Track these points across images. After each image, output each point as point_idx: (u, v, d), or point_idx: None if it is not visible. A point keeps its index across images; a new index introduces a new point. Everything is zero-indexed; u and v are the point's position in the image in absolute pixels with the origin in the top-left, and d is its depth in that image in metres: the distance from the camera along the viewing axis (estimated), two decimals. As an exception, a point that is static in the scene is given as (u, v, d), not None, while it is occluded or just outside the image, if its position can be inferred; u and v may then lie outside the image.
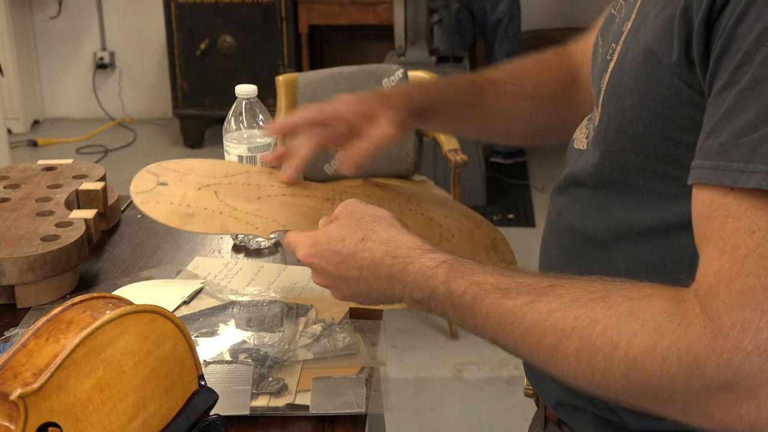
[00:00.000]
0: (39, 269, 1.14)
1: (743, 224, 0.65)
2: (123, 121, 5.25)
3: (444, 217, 1.14)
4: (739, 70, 0.66)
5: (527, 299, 0.74)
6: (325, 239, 0.90)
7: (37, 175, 1.40)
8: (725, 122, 0.67)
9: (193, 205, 1.06)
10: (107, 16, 5.24)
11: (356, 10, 4.56)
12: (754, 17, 0.65)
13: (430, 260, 0.82)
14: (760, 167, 0.64)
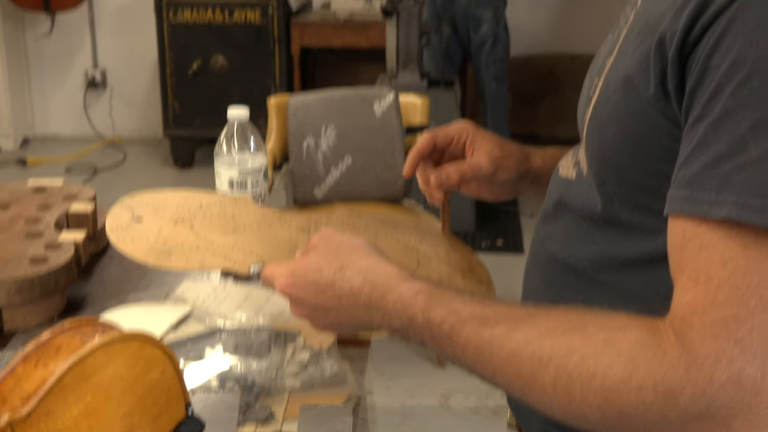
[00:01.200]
0: (27, 292, 1.13)
1: (716, 254, 0.66)
2: (113, 141, 5.25)
3: (420, 242, 1.14)
4: (711, 102, 0.67)
5: (505, 328, 0.75)
6: (302, 270, 0.90)
7: (27, 196, 1.40)
8: (698, 153, 0.68)
9: (170, 242, 1.06)
10: (99, 34, 5.25)
11: (348, 33, 4.58)
12: (726, 49, 0.66)
13: (408, 289, 0.83)
14: (730, 198, 0.65)
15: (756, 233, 0.64)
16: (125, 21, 5.19)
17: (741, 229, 0.65)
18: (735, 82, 0.65)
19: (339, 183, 2.70)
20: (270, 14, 4.55)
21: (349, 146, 2.83)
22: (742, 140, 0.65)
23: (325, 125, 2.83)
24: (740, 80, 0.65)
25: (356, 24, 4.56)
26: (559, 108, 4.70)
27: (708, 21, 0.68)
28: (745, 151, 0.65)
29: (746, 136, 0.65)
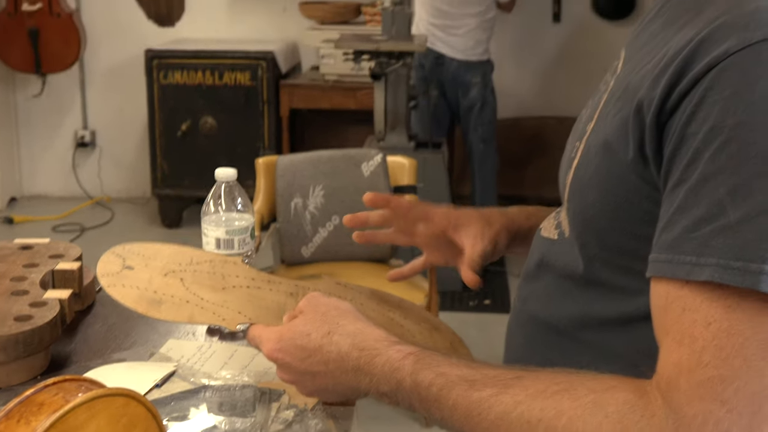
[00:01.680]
0: (11, 349, 1.13)
1: (699, 316, 0.66)
2: (101, 200, 5.25)
3: (403, 318, 1.14)
4: (690, 168, 0.68)
5: (493, 391, 0.75)
6: (290, 334, 0.90)
7: (13, 254, 1.40)
8: (678, 217, 0.69)
9: (160, 292, 1.06)
10: (90, 95, 5.29)
11: (337, 95, 4.63)
12: (703, 118, 0.68)
13: (396, 352, 0.83)
14: (711, 260, 0.66)
15: (738, 295, 0.65)
16: (115, 82, 5.23)
17: (723, 290, 0.65)
18: (713, 148, 0.67)
19: (326, 243, 2.72)
20: (260, 76, 4.59)
21: (336, 206, 2.85)
22: (720, 204, 0.66)
23: (313, 186, 2.86)
24: (718, 146, 0.66)
25: (345, 86, 4.61)
26: (545, 170, 4.73)
27: (685, 89, 0.69)
28: (724, 214, 0.66)
29: (725, 200, 0.66)
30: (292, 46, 5.03)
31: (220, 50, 4.66)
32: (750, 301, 0.65)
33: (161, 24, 5.21)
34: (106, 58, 5.22)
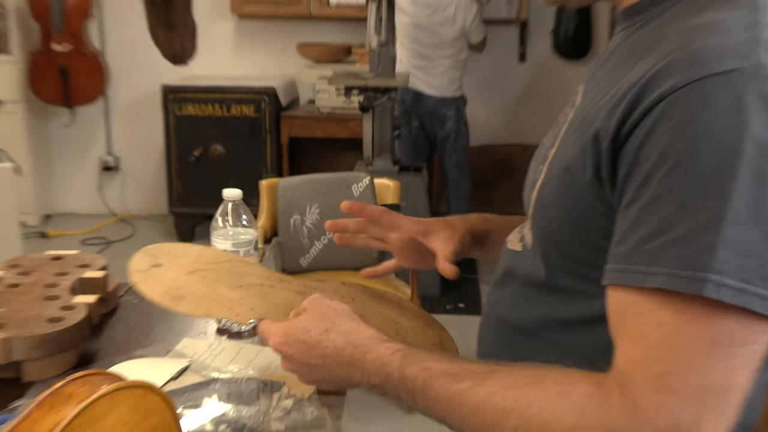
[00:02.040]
0: (44, 347, 1.12)
1: (651, 319, 0.66)
2: (124, 217, 5.24)
3: (400, 316, 1.14)
4: (642, 188, 0.68)
5: (471, 383, 0.74)
6: (293, 330, 0.89)
7: (46, 264, 1.40)
8: (631, 232, 0.69)
9: (183, 289, 1.05)
10: (113, 125, 5.28)
11: (331, 125, 4.63)
12: (653, 144, 0.68)
13: (386, 349, 0.82)
14: (661, 270, 0.66)
15: (685, 300, 0.65)
16: (136, 114, 5.23)
17: (672, 296, 0.65)
18: (663, 171, 0.67)
19: (321, 254, 2.72)
20: (263, 109, 4.60)
21: (330, 222, 2.83)
22: (669, 220, 0.66)
23: (309, 204, 2.86)
24: (667, 169, 0.66)
25: (337, 117, 4.61)
26: (512, 190, 4.74)
27: (637, 119, 0.69)
28: (672, 229, 0.66)
29: (673, 217, 0.66)
30: (291, 82, 5.04)
31: (228, 86, 4.66)
32: (696, 305, 0.65)
33: (176, 62, 5.20)
34: (128, 92, 5.22)
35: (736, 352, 0.65)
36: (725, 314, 0.64)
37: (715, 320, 0.65)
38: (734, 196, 0.64)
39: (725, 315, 0.64)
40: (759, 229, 0.64)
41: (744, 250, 0.64)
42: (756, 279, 0.64)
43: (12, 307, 1.20)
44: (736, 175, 0.64)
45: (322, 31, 5.07)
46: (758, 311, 0.64)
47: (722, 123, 0.65)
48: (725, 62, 0.66)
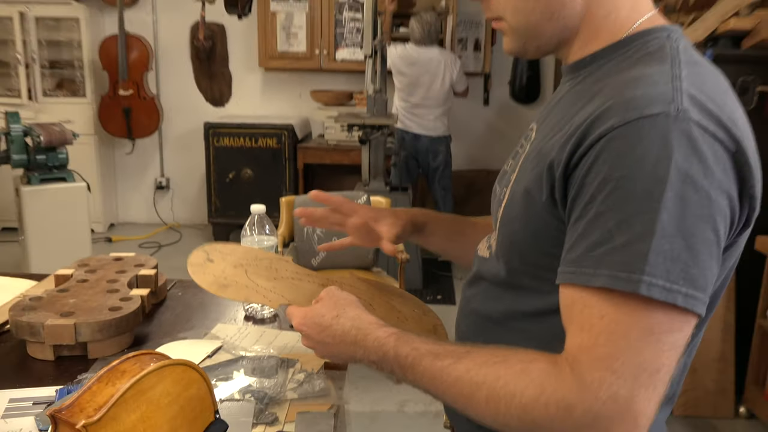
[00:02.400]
0: (106, 331, 1.11)
1: (595, 311, 0.66)
2: (173, 226, 5.21)
3: (402, 306, 1.12)
4: (587, 207, 0.68)
5: (451, 361, 0.74)
6: (311, 314, 0.88)
7: (109, 263, 1.38)
8: (580, 242, 0.68)
9: (228, 279, 1.04)
10: (166, 153, 5.27)
11: (336, 154, 4.63)
12: (597, 171, 0.67)
13: (383, 332, 0.81)
14: (604, 272, 0.65)
15: (623, 296, 0.64)
16: (183, 145, 5.21)
17: (613, 293, 0.65)
18: (604, 193, 0.66)
19: (328, 256, 2.71)
20: (283, 141, 4.59)
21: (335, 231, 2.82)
22: (610, 233, 0.65)
23: (319, 216, 2.82)
24: (608, 192, 0.65)
25: (342, 148, 4.61)
26: (479, 206, 4.76)
27: (583, 152, 0.68)
28: (613, 240, 0.65)
29: (613, 230, 0.65)
30: (306, 120, 5.03)
31: (256, 123, 4.64)
32: (632, 301, 0.64)
33: (215, 105, 5.20)
34: (177, 128, 5.20)
35: (664, 338, 0.64)
36: (655, 308, 0.64)
37: (647, 313, 0.64)
38: (662, 213, 0.63)
39: (655, 309, 0.64)
40: (683, 240, 0.64)
41: (671, 257, 0.63)
42: (680, 280, 0.63)
43: (80, 299, 1.18)
44: (663, 197, 0.63)
45: (330, 80, 5.07)
46: (682, 306, 0.64)
47: (652, 155, 0.64)
48: (654, 107, 0.65)
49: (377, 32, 3.61)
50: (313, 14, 4.76)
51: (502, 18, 0.81)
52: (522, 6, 0.78)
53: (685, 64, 0.70)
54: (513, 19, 0.79)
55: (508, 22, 0.80)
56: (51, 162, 3.28)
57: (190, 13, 4.92)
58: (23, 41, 4.64)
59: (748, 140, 0.68)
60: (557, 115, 0.79)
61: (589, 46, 0.79)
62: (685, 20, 2.79)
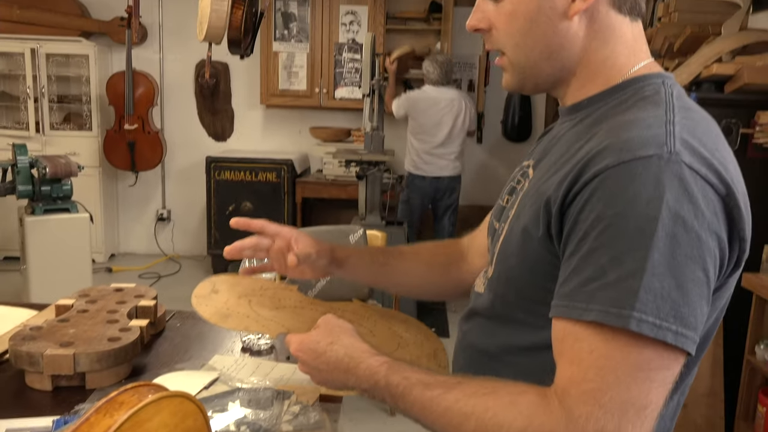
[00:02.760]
0: (104, 361, 1.09)
1: (585, 345, 0.65)
2: (173, 257, 5.18)
3: (404, 331, 1.11)
4: (581, 243, 0.68)
5: (441, 391, 0.73)
6: (307, 341, 0.88)
7: (110, 294, 1.37)
8: (573, 276, 0.68)
9: (231, 309, 1.03)
10: (168, 186, 5.27)
11: (334, 189, 4.64)
12: (590, 209, 0.67)
13: (375, 361, 0.81)
14: (595, 307, 0.65)
15: (613, 332, 0.64)
16: (185, 178, 5.22)
17: (603, 328, 0.64)
18: (597, 230, 0.66)
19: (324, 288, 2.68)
20: (283, 175, 4.60)
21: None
22: (603, 269, 0.65)
23: (316, 249, 2.81)
24: (601, 229, 0.66)
25: (339, 183, 4.62)
26: (472, 240, 4.75)
27: (578, 189, 0.69)
28: (605, 276, 0.65)
29: (606, 266, 0.65)
30: (305, 156, 5.06)
31: (256, 158, 4.66)
32: (622, 336, 0.63)
33: (217, 140, 5.23)
34: (180, 161, 5.22)
35: (653, 375, 0.63)
36: (645, 345, 0.63)
37: (636, 349, 0.63)
38: (653, 252, 0.63)
39: (645, 345, 0.63)
40: (673, 279, 0.63)
41: (661, 294, 0.63)
42: (670, 318, 0.63)
43: (80, 329, 1.17)
44: (655, 236, 0.63)
45: (328, 117, 5.12)
46: (672, 343, 0.63)
47: (645, 195, 0.64)
48: (647, 149, 0.66)
49: (375, 72, 3.66)
50: (313, 54, 4.82)
51: (503, 52, 0.82)
52: (522, 43, 0.79)
53: (679, 110, 0.71)
54: (513, 54, 0.81)
55: (509, 58, 0.81)
56: (55, 193, 3.28)
57: (195, 51, 4.98)
58: (33, 76, 4.68)
59: (738, 184, 0.69)
60: (555, 154, 0.80)
61: (586, 89, 0.80)
62: (670, 65, 2.84)
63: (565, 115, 0.84)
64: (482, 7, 0.82)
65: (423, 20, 4.84)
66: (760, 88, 2.42)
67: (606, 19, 0.77)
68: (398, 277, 1.10)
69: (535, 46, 0.78)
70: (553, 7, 0.76)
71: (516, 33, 0.79)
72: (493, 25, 0.81)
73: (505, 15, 0.79)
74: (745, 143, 2.52)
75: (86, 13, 4.94)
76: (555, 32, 0.77)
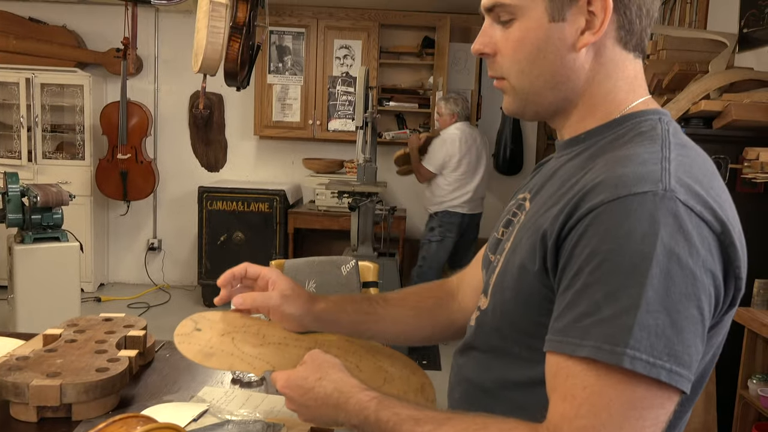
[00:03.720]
0: (92, 392, 1.07)
1: (579, 381, 0.64)
2: (162, 286, 5.14)
3: (390, 366, 1.10)
4: (575, 278, 0.67)
5: (431, 427, 0.72)
6: (294, 377, 0.87)
7: (99, 324, 1.35)
8: (567, 311, 0.67)
9: (214, 348, 1.02)
10: (159, 215, 5.25)
11: (326, 220, 4.64)
12: (584, 245, 0.67)
13: (365, 396, 0.80)
14: (590, 343, 0.64)
15: (607, 368, 0.63)
16: (177, 208, 5.21)
17: (596, 365, 0.64)
18: (592, 266, 0.65)
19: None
20: (275, 206, 4.60)
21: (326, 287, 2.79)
22: (597, 304, 0.64)
23: (308, 280, 2.82)
24: (595, 264, 0.65)
25: (331, 214, 4.63)
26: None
27: (573, 224, 0.69)
28: (599, 312, 0.64)
29: (600, 302, 0.64)
30: (297, 186, 5.07)
31: (249, 188, 4.67)
32: (615, 373, 0.63)
33: (210, 170, 5.24)
34: (172, 191, 5.21)
35: (646, 414, 0.62)
36: (638, 382, 0.62)
37: (630, 387, 0.63)
38: (648, 289, 0.63)
39: (638, 383, 0.62)
40: (667, 316, 0.63)
41: (655, 332, 0.62)
42: (664, 356, 0.62)
43: (68, 359, 1.15)
44: (649, 272, 0.63)
45: (321, 149, 5.15)
46: (666, 381, 0.62)
47: (639, 232, 0.64)
48: (642, 185, 0.66)
49: (368, 105, 3.69)
50: (307, 87, 4.87)
51: (505, 78, 0.81)
52: (528, 71, 0.78)
53: (675, 146, 0.71)
54: (517, 81, 0.80)
55: (511, 83, 0.81)
56: (46, 222, 3.26)
57: (190, 83, 5.02)
58: (27, 105, 4.69)
59: (734, 222, 0.69)
60: (552, 187, 0.79)
61: (585, 121, 0.80)
62: (660, 101, 2.89)
63: (563, 148, 0.84)
64: (489, 32, 0.81)
65: (416, 55, 4.91)
66: (748, 124, 2.47)
67: (612, 54, 0.77)
68: (384, 325, 1.07)
69: (540, 75, 0.78)
70: (562, 38, 0.76)
71: (523, 60, 0.78)
72: (498, 50, 0.80)
73: (513, 41, 0.78)
74: (734, 178, 2.55)
75: (82, 44, 4.98)
76: (562, 63, 0.77)
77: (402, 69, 5.02)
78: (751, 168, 2.38)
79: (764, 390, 2.27)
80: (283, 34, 4.84)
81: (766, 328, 2.21)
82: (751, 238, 0.75)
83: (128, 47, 4.38)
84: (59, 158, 4.84)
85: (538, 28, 0.76)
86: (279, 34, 4.84)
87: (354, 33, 4.82)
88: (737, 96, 2.55)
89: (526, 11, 0.77)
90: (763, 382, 2.32)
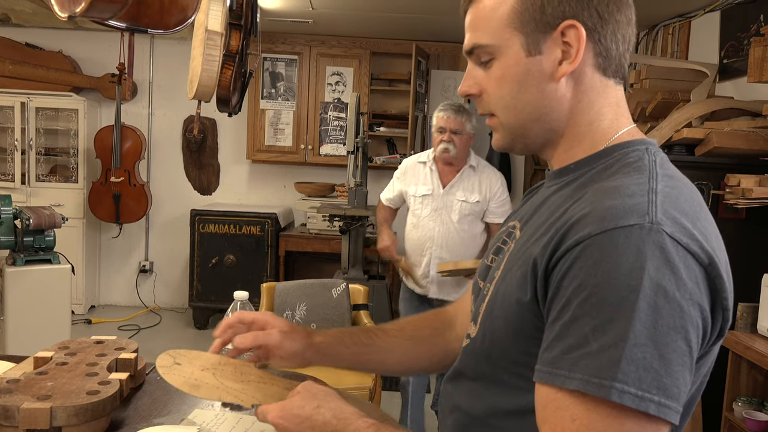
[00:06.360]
0: (82, 415, 1.05)
1: (567, 413, 0.64)
2: (153, 309, 5.09)
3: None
4: (563, 310, 0.67)
5: None
6: (289, 407, 0.85)
7: (90, 347, 1.33)
8: (556, 343, 0.67)
9: (199, 380, 1.02)
10: (151, 238, 5.23)
11: (317, 243, 4.64)
12: (572, 276, 0.67)
13: (363, 422, 0.79)
14: (578, 375, 0.64)
15: (595, 401, 0.63)
16: (169, 230, 5.19)
17: (585, 397, 0.63)
18: (580, 298, 0.65)
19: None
20: (266, 229, 4.59)
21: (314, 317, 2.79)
22: (586, 337, 0.64)
23: (299, 303, 2.81)
24: (583, 297, 0.65)
25: (322, 237, 4.62)
26: (453, 295, 4.74)
27: (561, 255, 0.68)
28: (588, 344, 0.64)
29: (589, 335, 0.64)
30: (289, 210, 5.07)
31: (241, 212, 4.66)
32: (603, 406, 0.62)
33: (203, 193, 5.23)
34: (165, 214, 5.20)
35: None
36: (626, 416, 0.62)
37: (618, 420, 0.62)
38: (635, 322, 0.62)
39: (627, 416, 0.62)
40: (655, 349, 0.62)
41: (643, 365, 0.62)
42: (653, 389, 0.62)
43: (58, 382, 1.14)
44: (636, 306, 0.62)
45: (313, 173, 5.16)
46: (654, 414, 0.62)
47: (626, 265, 0.63)
48: (629, 218, 0.66)
49: (360, 131, 3.71)
50: (299, 112, 4.90)
51: (494, 114, 0.83)
52: (512, 105, 0.80)
53: (662, 178, 0.71)
54: (503, 116, 0.81)
55: (499, 119, 0.82)
56: (38, 244, 3.23)
57: (184, 108, 5.03)
58: (22, 129, 4.69)
59: (720, 253, 0.69)
60: (542, 216, 0.79)
61: (573, 151, 0.81)
62: (643, 129, 2.93)
63: (552, 178, 0.84)
64: (473, 74, 0.83)
65: (406, 81, 4.96)
66: (729, 151, 2.50)
67: (592, 81, 0.78)
68: (382, 356, 1.06)
69: (524, 108, 0.79)
70: (540, 70, 0.77)
71: (506, 95, 0.80)
72: (483, 90, 0.82)
73: (494, 79, 0.80)
74: (716, 204, 2.58)
75: (78, 69, 4.99)
76: (543, 94, 0.78)
77: (392, 95, 5.07)
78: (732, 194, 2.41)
79: (749, 413, 2.27)
80: (276, 60, 4.88)
81: (751, 351, 2.22)
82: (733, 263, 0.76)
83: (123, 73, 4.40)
84: (53, 181, 4.83)
85: (516, 63, 0.78)
86: (272, 60, 4.88)
87: (346, 60, 4.86)
88: (718, 124, 2.59)
89: (504, 49, 0.78)
90: (748, 404, 2.32)
